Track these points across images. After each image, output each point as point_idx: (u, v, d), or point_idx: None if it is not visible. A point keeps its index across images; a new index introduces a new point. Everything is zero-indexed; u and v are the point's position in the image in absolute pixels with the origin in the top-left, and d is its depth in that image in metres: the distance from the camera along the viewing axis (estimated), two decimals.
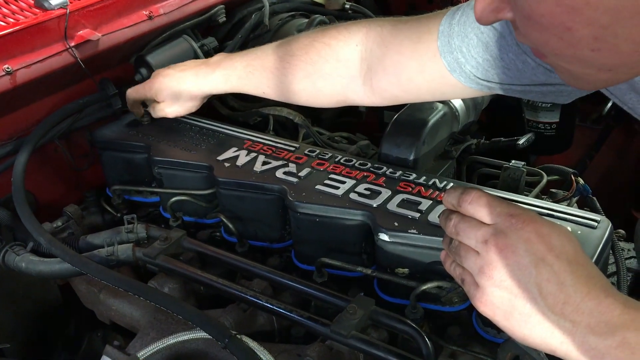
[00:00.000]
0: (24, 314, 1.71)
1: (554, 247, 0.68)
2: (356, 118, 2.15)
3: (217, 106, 1.97)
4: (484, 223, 0.71)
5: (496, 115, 1.84)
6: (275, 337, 1.35)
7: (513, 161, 1.53)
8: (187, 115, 1.78)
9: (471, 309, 1.25)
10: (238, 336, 1.09)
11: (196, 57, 1.85)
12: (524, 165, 1.53)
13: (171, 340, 1.13)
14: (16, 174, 1.50)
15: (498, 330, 1.17)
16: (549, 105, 1.96)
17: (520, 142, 1.61)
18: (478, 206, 0.72)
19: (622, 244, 1.49)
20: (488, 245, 0.71)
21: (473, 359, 1.15)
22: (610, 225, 1.21)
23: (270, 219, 1.46)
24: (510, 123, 1.93)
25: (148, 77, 1.75)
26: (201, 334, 1.13)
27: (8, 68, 1.45)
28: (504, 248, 0.69)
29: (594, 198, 1.51)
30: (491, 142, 1.65)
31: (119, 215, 1.69)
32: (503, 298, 0.71)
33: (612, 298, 0.71)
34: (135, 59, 1.82)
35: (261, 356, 1.08)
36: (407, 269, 1.24)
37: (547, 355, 0.93)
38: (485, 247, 0.71)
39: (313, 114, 1.92)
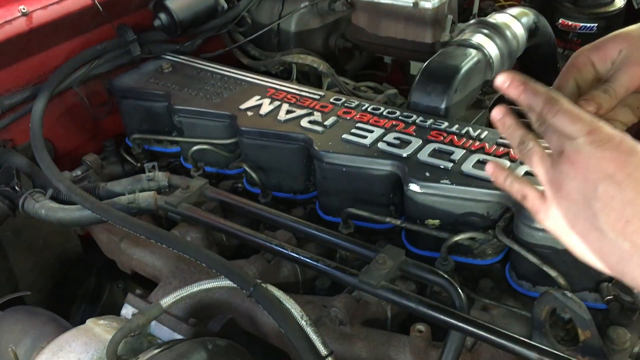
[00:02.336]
0: (44, 263, 1.70)
1: (626, 166, 0.64)
2: (381, 70, 2.07)
3: (237, 55, 1.92)
4: (564, 133, 0.67)
5: (530, 67, 1.76)
6: (299, 289, 1.32)
7: None
8: (207, 62, 1.73)
9: (504, 261, 1.20)
10: (263, 285, 1.06)
11: (217, 2, 1.78)
12: None
13: (194, 288, 1.10)
14: (34, 120, 1.46)
15: (533, 284, 1.12)
16: None
17: None
18: (561, 117, 0.67)
19: None
20: (562, 156, 0.68)
21: (506, 312, 1.11)
22: None
23: (294, 169, 1.42)
24: (545, 74, 1.85)
25: (168, 23, 1.69)
26: (225, 283, 1.10)
27: (24, 9, 1.40)
28: (576, 162, 0.67)
29: None
30: None
31: (138, 165, 1.65)
32: (567, 211, 0.68)
33: None
34: (154, 4, 1.75)
35: (287, 305, 1.04)
36: (437, 221, 1.19)
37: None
38: (558, 159, 0.68)
39: (336, 65, 1.85)
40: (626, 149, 0.66)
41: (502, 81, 0.70)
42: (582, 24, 1.83)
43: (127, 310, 1.25)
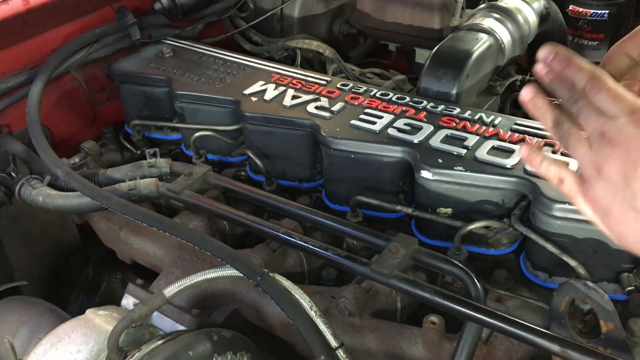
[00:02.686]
0: (41, 252, 1.65)
1: None
2: (385, 58, 2.03)
3: (239, 41, 1.87)
4: (605, 114, 0.64)
5: None
6: (305, 279, 1.28)
7: None
8: (209, 47, 1.68)
9: (518, 252, 1.17)
10: (271, 274, 1.02)
11: None
12: None
13: (199, 277, 1.06)
14: (31, 105, 1.41)
15: (549, 274, 1.09)
16: (596, 43, 1.84)
17: None
18: (604, 95, 0.64)
19: None
20: (603, 137, 0.65)
21: (521, 303, 1.07)
22: None
23: (300, 156, 1.37)
24: None
25: (168, 6, 1.64)
26: (231, 272, 1.05)
27: None
28: (617, 143, 0.64)
29: None
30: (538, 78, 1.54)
31: (138, 152, 1.61)
32: (606, 192, 0.66)
33: None
34: None
35: (295, 295, 1.00)
36: (449, 209, 1.15)
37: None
38: (600, 140, 0.65)
39: (340, 52, 1.81)
40: None
41: (547, 53, 0.66)
42: (592, 11, 1.79)
43: (128, 301, 1.21)
